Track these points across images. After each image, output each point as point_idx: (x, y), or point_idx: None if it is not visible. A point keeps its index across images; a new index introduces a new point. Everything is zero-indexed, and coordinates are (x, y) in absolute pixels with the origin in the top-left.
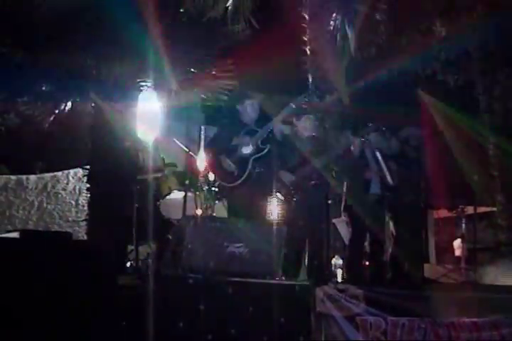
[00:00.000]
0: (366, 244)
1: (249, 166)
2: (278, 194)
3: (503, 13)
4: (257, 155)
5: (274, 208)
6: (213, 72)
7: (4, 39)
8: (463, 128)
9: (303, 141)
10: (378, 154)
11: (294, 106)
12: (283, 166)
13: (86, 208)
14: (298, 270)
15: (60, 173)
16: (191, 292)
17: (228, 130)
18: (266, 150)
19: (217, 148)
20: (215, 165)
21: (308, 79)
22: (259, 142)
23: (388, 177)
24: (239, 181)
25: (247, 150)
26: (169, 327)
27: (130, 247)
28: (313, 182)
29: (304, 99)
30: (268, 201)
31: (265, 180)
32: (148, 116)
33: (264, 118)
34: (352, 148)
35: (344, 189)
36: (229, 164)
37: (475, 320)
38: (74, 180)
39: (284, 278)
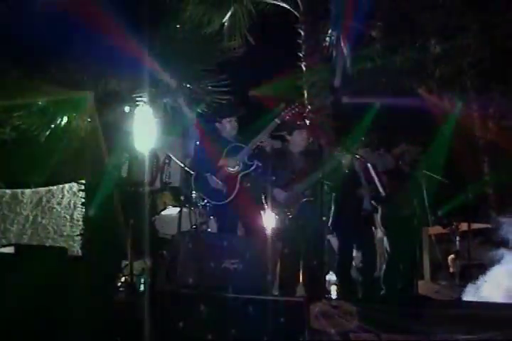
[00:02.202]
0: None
1: (238, 184)
2: (272, 210)
3: (497, 32)
4: (244, 172)
5: (268, 224)
6: (209, 87)
7: (1, 54)
8: (458, 145)
9: (295, 156)
10: (370, 167)
11: (278, 121)
12: (274, 183)
13: (81, 223)
14: (294, 285)
15: (55, 188)
16: (186, 307)
17: (213, 147)
18: (254, 167)
19: (203, 166)
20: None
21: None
22: (246, 158)
23: (381, 190)
24: (228, 199)
25: (233, 167)
26: None
27: (124, 262)
28: (306, 198)
29: (288, 113)
30: (261, 216)
31: (256, 195)
32: (144, 130)
33: (248, 133)
34: (343, 162)
35: (333, 205)
36: (216, 182)
37: (469, 336)
38: (69, 195)
39: (279, 293)
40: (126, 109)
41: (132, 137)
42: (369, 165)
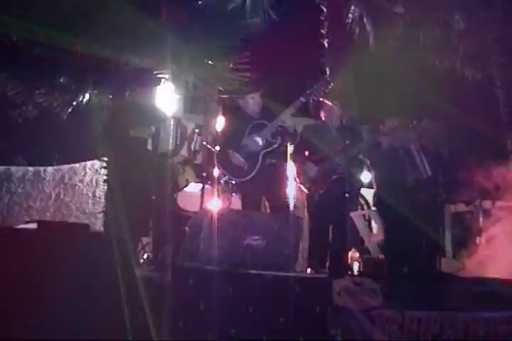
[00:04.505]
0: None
1: (260, 161)
2: (301, 186)
3: None
4: (267, 150)
5: (293, 200)
6: (231, 65)
7: (23, 31)
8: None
9: (331, 132)
10: (413, 147)
11: (303, 100)
12: (308, 158)
13: (103, 200)
14: (322, 262)
15: (77, 165)
16: (208, 284)
17: (236, 124)
18: (277, 145)
19: (226, 143)
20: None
21: (322, 71)
22: (269, 136)
23: (426, 169)
24: (249, 176)
25: (257, 144)
26: (186, 318)
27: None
28: (337, 175)
29: (315, 91)
30: (286, 193)
31: (281, 172)
32: (166, 107)
33: (272, 111)
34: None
35: (375, 181)
36: (239, 159)
37: (492, 314)
38: (91, 172)
39: (308, 270)
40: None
41: (156, 111)
42: (412, 145)
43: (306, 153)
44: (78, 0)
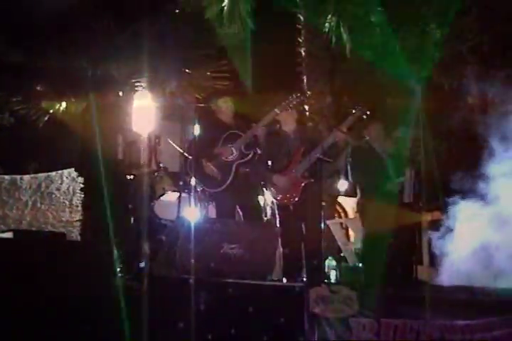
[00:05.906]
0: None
1: (233, 172)
2: (271, 197)
3: (498, 15)
4: (241, 161)
5: (268, 209)
6: (208, 73)
7: (1, 38)
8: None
9: (288, 136)
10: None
11: (278, 111)
12: (272, 169)
13: (80, 208)
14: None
15: (53, 173)
16: (185, 293)
17: (210, 134)
18: (251, 156)
19: (199, 152)
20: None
21: (298, 80)
22: (243, 147)
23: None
24: (222, 187)
25: (229, 156)
26: (163, 328)
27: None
28: (306, 181)
29: (291, 100)
30: (260, 202)
31: (255, 183)
32: (142, 116)
33: (246, 121)
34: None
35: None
36: (212, 169)
37: (468, 322)
38: (68, 180)
39: (284, 279)
40: (123, 93)
41: (129, 121)
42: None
43: (270, 162)
44: (55, 10)
